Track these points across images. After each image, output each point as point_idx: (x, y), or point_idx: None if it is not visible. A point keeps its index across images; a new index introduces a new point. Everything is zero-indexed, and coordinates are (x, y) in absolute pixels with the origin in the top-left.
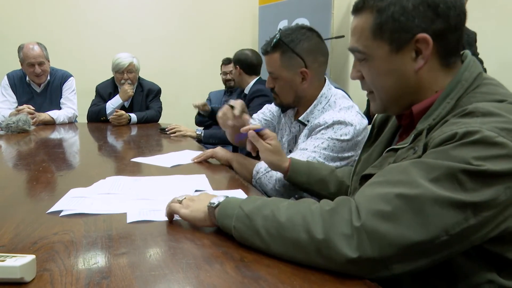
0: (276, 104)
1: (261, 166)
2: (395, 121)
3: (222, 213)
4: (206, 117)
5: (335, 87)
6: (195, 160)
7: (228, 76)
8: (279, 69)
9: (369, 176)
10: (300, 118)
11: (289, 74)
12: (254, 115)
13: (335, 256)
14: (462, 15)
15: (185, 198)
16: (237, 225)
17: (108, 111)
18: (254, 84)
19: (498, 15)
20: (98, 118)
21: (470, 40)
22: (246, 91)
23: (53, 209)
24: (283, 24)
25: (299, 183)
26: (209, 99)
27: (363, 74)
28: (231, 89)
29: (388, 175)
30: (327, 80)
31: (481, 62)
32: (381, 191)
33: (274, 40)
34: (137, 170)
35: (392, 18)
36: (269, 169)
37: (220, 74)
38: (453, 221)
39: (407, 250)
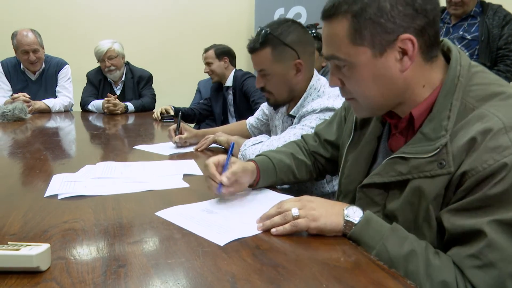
0: (270, 103)
1: (250, 139)
2: (379, 118)
3: (360, 237)
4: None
5: None
6: (199, 150)
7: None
8: (272, 65)
9: (372, 184)
10: (291, 113)
11: (283, 68)
12: (251, 120)
13: None
14: (437, 6)
15: (297, 209)
16: (378, 258)
17: (87, 108)
18: (235, 73)
19: None
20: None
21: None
22: (229, 83)
23: (48, 193)
24: (279, 12)
25: (271, 183)
26: (198, 90)
27: (343, 81)
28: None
29: (482, 255)
30: (315, 71)
31: None
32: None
33: (263, 34)
34: (136, 158)
35: (371, 21)
36: (256, 142)
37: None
38: None
39: None
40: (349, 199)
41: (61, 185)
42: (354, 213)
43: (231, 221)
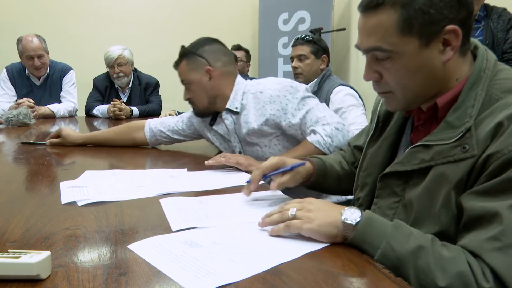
0: (196, 114)
1: None
2: (401, 113)
3: (363, 238)
4: None
5: (343, 84)
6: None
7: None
8: (188, 73)
9: (393, 173)
10: (227, 107)
11: (197, 75)
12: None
13: None
14: None
15: (295, 209)
16: (382, 261)
17: (92, 112)
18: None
19: None
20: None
21: None
22: None
23: (65, 201)
24: (283, 17)
25: (324, 187)
26: None
27: (382, 73)
28: None
29: (502, 237)
30: (238, 74)
31: None
32: None
33: (180, 50)
34: (143, 164)
35: (421, 11)
36: None
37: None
38: None
39: None
40: (365, 192)
41: (74, 191)
42: (352, 215)
43: (216, 258)
